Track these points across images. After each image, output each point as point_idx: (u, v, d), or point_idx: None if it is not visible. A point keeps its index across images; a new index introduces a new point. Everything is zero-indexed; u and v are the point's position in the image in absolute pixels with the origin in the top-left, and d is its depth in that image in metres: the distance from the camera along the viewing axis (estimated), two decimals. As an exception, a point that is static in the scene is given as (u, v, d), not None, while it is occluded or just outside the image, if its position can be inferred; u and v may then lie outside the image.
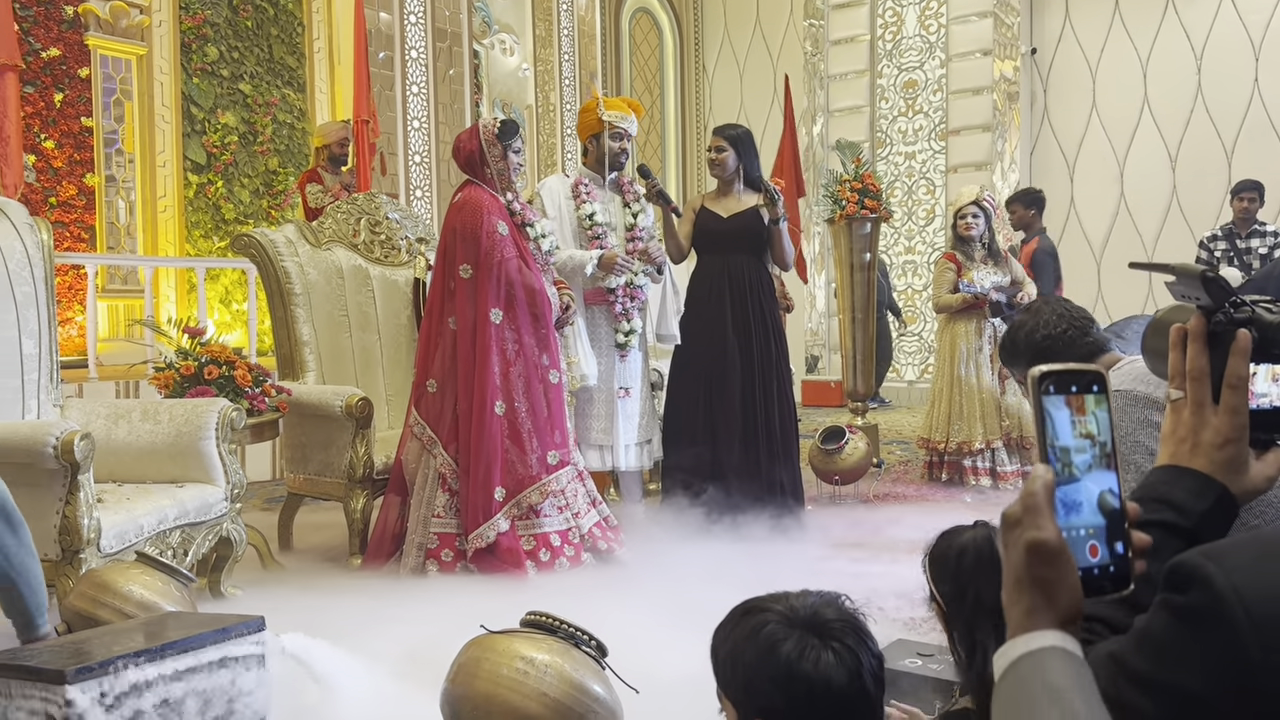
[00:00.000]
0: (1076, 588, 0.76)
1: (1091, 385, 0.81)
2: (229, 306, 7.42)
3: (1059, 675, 0.72)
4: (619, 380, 4.21)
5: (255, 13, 7.56)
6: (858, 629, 1.25)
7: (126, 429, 3.23)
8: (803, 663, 1.19)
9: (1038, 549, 0.75)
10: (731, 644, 1.27)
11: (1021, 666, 0.74)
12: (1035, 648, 0.74)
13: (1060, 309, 1.99)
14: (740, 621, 1.28)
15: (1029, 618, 0.75)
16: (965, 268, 5.38)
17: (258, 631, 2.12)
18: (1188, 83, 9.24)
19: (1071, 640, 0.74)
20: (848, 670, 1.20)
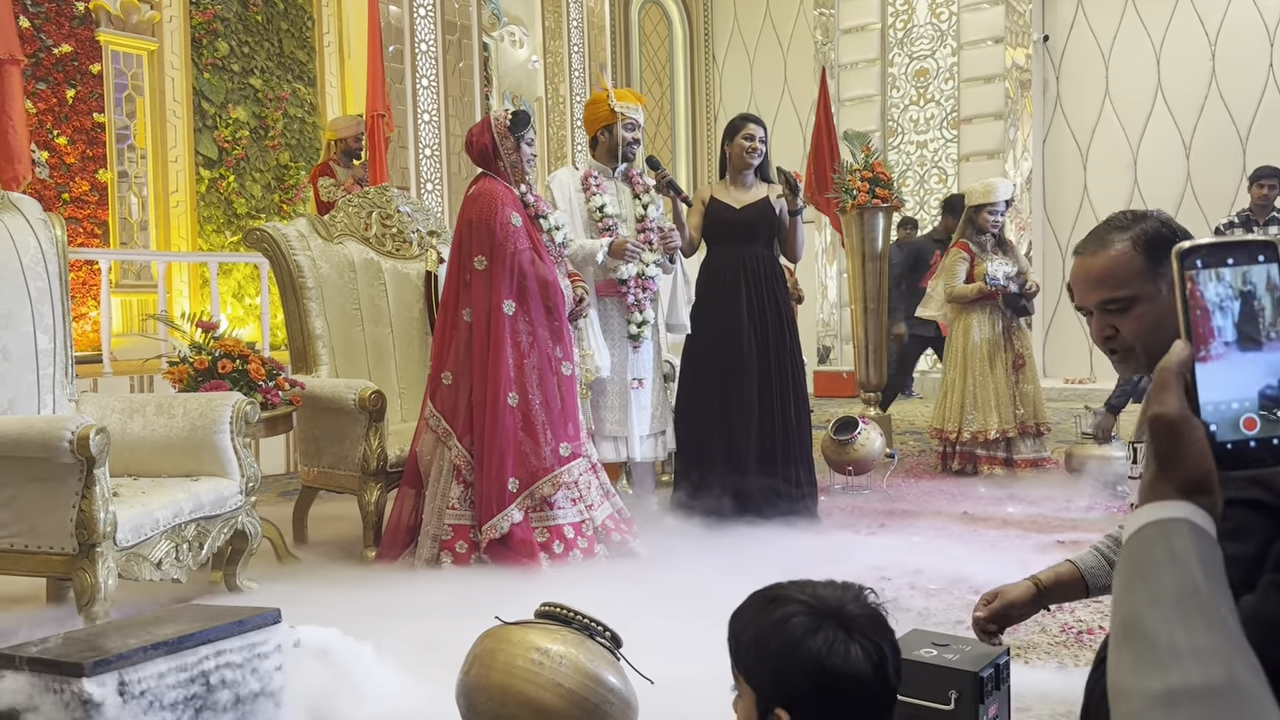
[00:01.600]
0: (1200, 462, 0.76)
1: (1257, 256, 0.79)
2: (242, 301, 7.44)
3: (1183, 543, 0.73)
4: (632, 371, 4.21)
5: (265, 7, 7.57)
6: (881, 623, 1.27)
7: (141, 423, 3.24)
8: (832, 656, 1.21)
9: (1157, 422, 0.77)
10: (756, 631, 1.28)
11: (1146, 532, 0.75)
12: (1164, 516, 0.75)
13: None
14: (765, 609, 1.29)
15: (1151, 487, 0.77)
16: (979, 258, 5.36)
17: (274, 624, 2.12)
18: (1202, 69, 9.17)
19: (1204, 516, 0.75)
20: (873, 664, 1.22)
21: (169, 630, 1.99)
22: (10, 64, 4.41)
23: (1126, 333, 1.62)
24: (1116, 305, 1.62)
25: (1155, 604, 0.71)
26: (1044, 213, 10.01)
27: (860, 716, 1.23)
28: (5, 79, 4.38)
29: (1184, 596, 0.71)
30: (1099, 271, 1.63)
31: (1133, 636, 0.72)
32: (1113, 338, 1.64)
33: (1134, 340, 1.63)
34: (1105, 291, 1.62)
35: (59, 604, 3.22)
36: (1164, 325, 1.60)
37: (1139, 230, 1.62)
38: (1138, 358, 1.65)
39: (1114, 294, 1.61)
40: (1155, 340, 1.62)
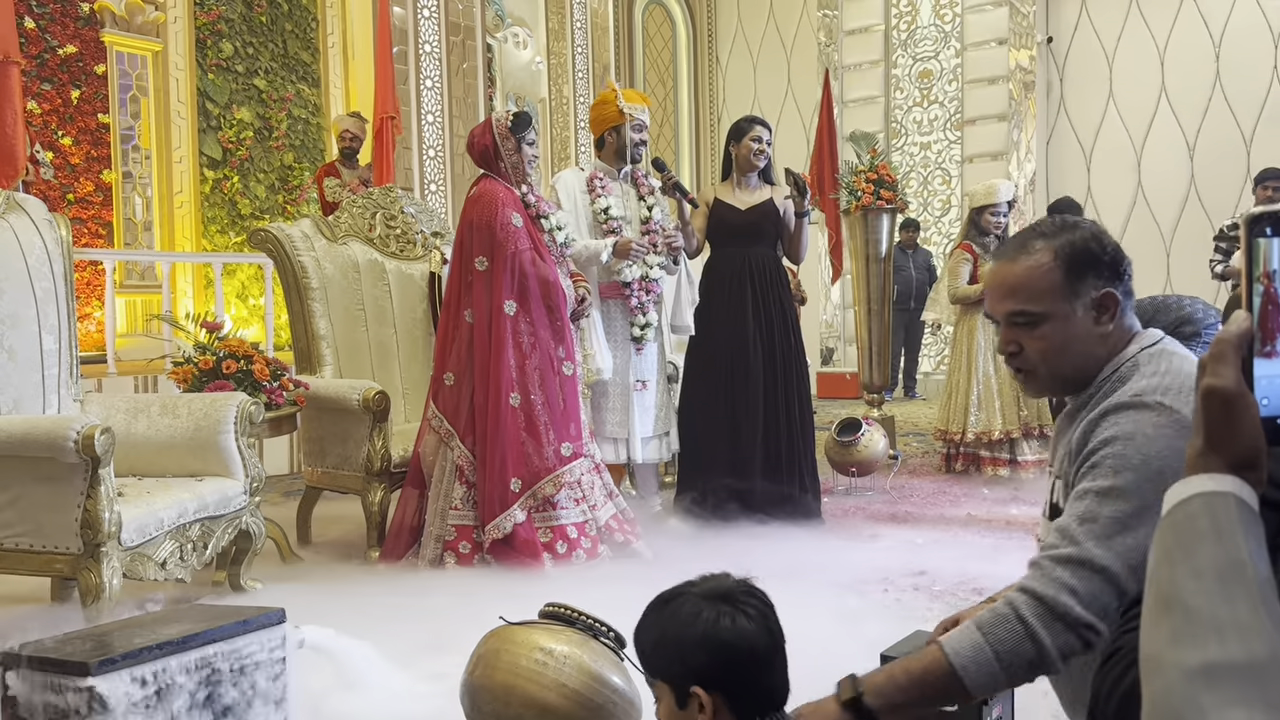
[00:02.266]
0: (1252, 437, 0.75)
1: None
2: (246, 301, 7.45)
3: (1228, 518, 0.72)
4: (635, 373, 4.21)
5: (269, 8, 7.58)
6: (761, 596, 1.45)
7: (146, 423, 3.24)
8: (720, 627, 1.37)
9: (1211, 394, 0.76)
10: (658, 630, 1.42)
11: (1191, 504, 0.74)
12: (1211, 489, 0.74)
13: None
14: (662, 609, 1.45)
15: (1199, 458, 0.76)
16: (982, 259, 5.36)
17: (278, 624, 2.13)
18: (1206, 71, 9.16)
19: (1250, 492, 0.74)
20: (760, 628, 1.39)
21: (174, 630, 2.00)
22: (9, 64, 4.42)
23: (1031, 351, 1.52)
24: (1025, 320, 1.52)
25: (1196, 577, 0.70)
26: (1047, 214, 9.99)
27: (759, 672, 1.39)
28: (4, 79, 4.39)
29: (1226, 570, 0.69)
30: (1013, 280, 1.52)
31: (1171, 609, 0.70)
32: (1017, 354, 1.55)
33: (1038, 360, 1.53)
34: (1015, 303, 1.52)
35: (64, 603, 3.22)
36: (1072, 348, 1.51)
37: (1064, 242, 1.51)
38: (1040, 379, 1.56)
39: (1024, 307, 1.51)
40: (1060, 363, 1.52)
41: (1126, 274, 1.53)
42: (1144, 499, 1.35)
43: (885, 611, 2.94)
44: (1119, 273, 1.52)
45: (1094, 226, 1.54)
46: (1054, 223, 1.55)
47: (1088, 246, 1.50)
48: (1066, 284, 1.49)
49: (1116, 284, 1.52)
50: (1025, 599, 1.37)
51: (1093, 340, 1.51)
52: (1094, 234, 1.52)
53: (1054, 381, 1.56)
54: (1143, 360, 1.50)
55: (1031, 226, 1.58)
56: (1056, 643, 1.34)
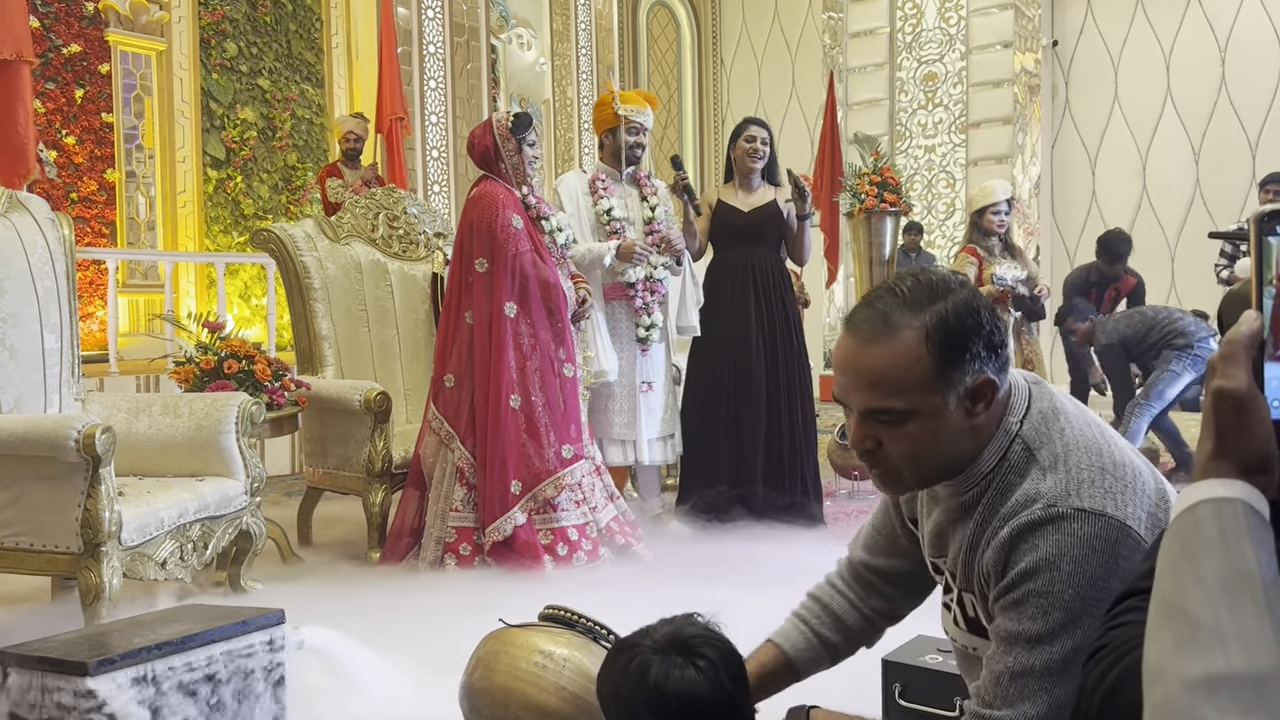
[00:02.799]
0: (1264, 441, 0.73)
1: None
2: (248, 301, 7.45)
3: (1235, 525, 0.70)
4: (641, 375, 4.20)
5: (274, 8, 7.59)
6: (714, 639, 1.38)
7: (147, 423, 3.24)
8: (670, 681, 1.32)
9: (1222, 396, 0.73)
10: (612, 684, 1.38)
11: (1199, 511, 0.72)
12: (1219, 495, 0.71)
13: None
14: (615, 660, 1.39)
15: (1209, 463, 0.73)
16: (986, 262, 5.35)
17: (278, 625, 2.12)
18: (1211, 75, 9.15)
19: (1260, 498, 0.72)
20: (709, 679, 1.33)
21: (173, 630, 2.00)
22: (20, 63, 4.42)
23: (893, 451, 1.26)
24: (887, 418, 1.24)
25: (1201, 585, 0.68)
26: (1052, 218, 9.99)
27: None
28: (15, 77, 4.39)
29: (1232, 579, 0.67)
30: (872, 369, 1.23)
31: (1174, 618, 0.69)
32: (874, 451, 1.27)
33: (901, 463, 1.27)
34: (875, 399, 1.24)
35: (63, 603, 3.22)
36: (943, 444, 1.26)
37: (935, 317, 1.23)
38: (903, 481, 1.31)
39: (885, 404, 1.24)
40: (929, 464, 1.28)
41: (1003, 346, 1.27)
42: (1082, 628, 1.17)
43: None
44: (996, 348, 1.26)
45: (968, 291, 1.26)
46: (920, 286, 1.25)
47: (963, 323, 1.23)
48: (938, 373, 1.22)
49: (994, 363, 1.26)
50: None
51: (965, 433, 1.27)
52: (969, 303, 1.25)
53: (920, 482, 1.33)
54: (1032, 439, 1.28)
55: (892, 289, 1.27)
56: None
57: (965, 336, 1.23)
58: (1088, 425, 1.31)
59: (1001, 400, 1.28)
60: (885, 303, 1.25)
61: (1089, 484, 1.22)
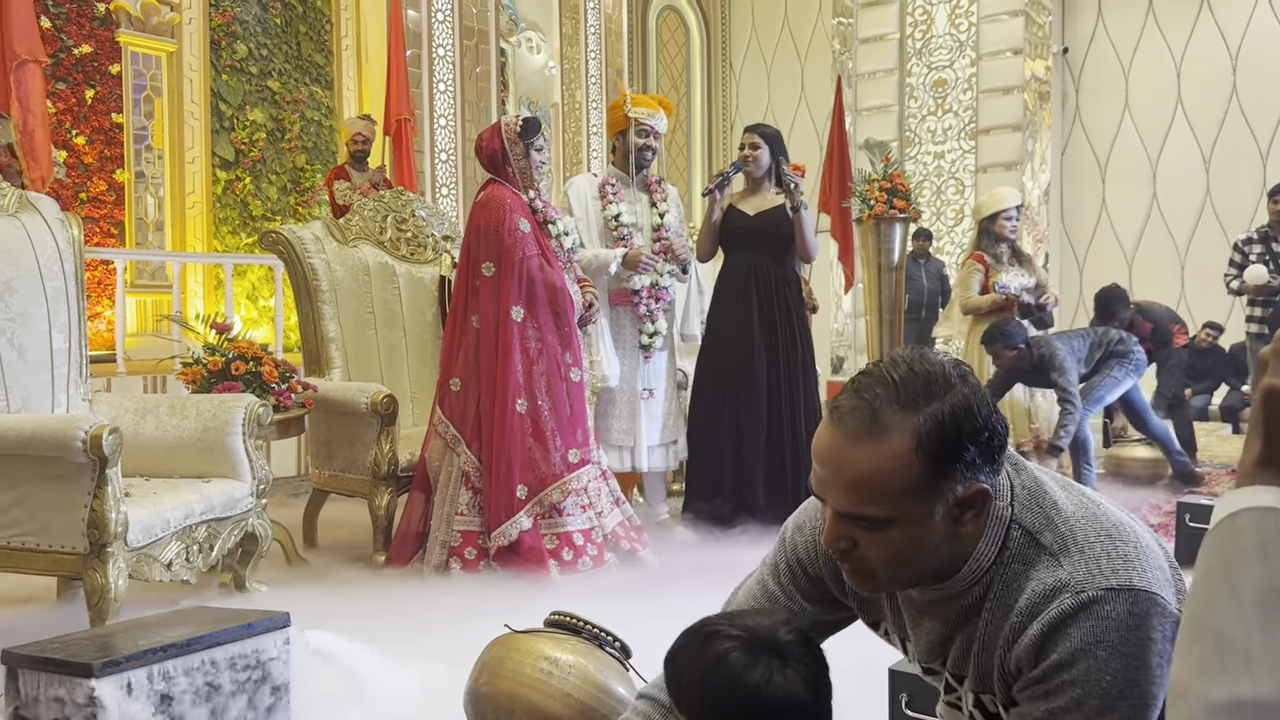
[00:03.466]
0: None
1: None
2: (256, 303, 7.46)
3: (1278, 537, 0.65)
4: (643, 381, 4.19)
5: (284, 10, 7.60)
6: (810, 644, 1.31)
7: (154, 424, 3.24)
8: (771, 686, 1.24)
9: (1272, 395, 0.69)
10: (697, 673, 1.29)
11: (1240, 519, 0.67)
12: (1263, 504, 0.66)
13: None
14: (702, 648, 1.30)
15: (1255, 467, 0.69)
16: (994, 269, 5.34)
17: (283, 627, 2.12)
18: (1222, 83, 9.12)
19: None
20: (809, 686, 1.26)
21: (178, 632, 1.99)
22: (32, 64, 4.43)
23: (871, 555, 1.15)
24: (867, 524, 1.13)
25: (1235, 600, 0.63)
26: (1061, 225, 9.96)
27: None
28: (28, 79, 4.40)
29: (1270, 597, 0.63)
30: (854, 473, 1.11)
31: (1203, 633, 0.64)
32: (849, 551, 1.17)
33: (877, 565, 1.16)
34: (854, 503, 1.12)
35: (69, 603, 3.22)
36: (925, 552, 1.15)
37: (930, 421, 1.10)
38: (877, 583, 1.20)
39: (866, 511, 1.12)
40: (909, 570, 1.17)
41: (1001, 450, 1.16)
42: (1119, 711, 1.08)
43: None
44: (994, 454, 1.14)
45: (969, 388, 1.13)
46: (912, 378, 1.12)
47: (960, 428, 1.10)
48: (927, 482, 1.10)
49: (989, 471, 1.14)
50: None
51: (950, 540, 1.16)
52: (968, 405, 1.11)
53: (896, 586, 1.23)
54: (1030, 523, 1.17)
55: (882, 376, 1.13)
56: None
57: (961, 443, 1.10)
58: (1066, 489, 1.22)
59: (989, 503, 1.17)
60: (875, 395, 1.11)
61: (1106, 559, 1.13)
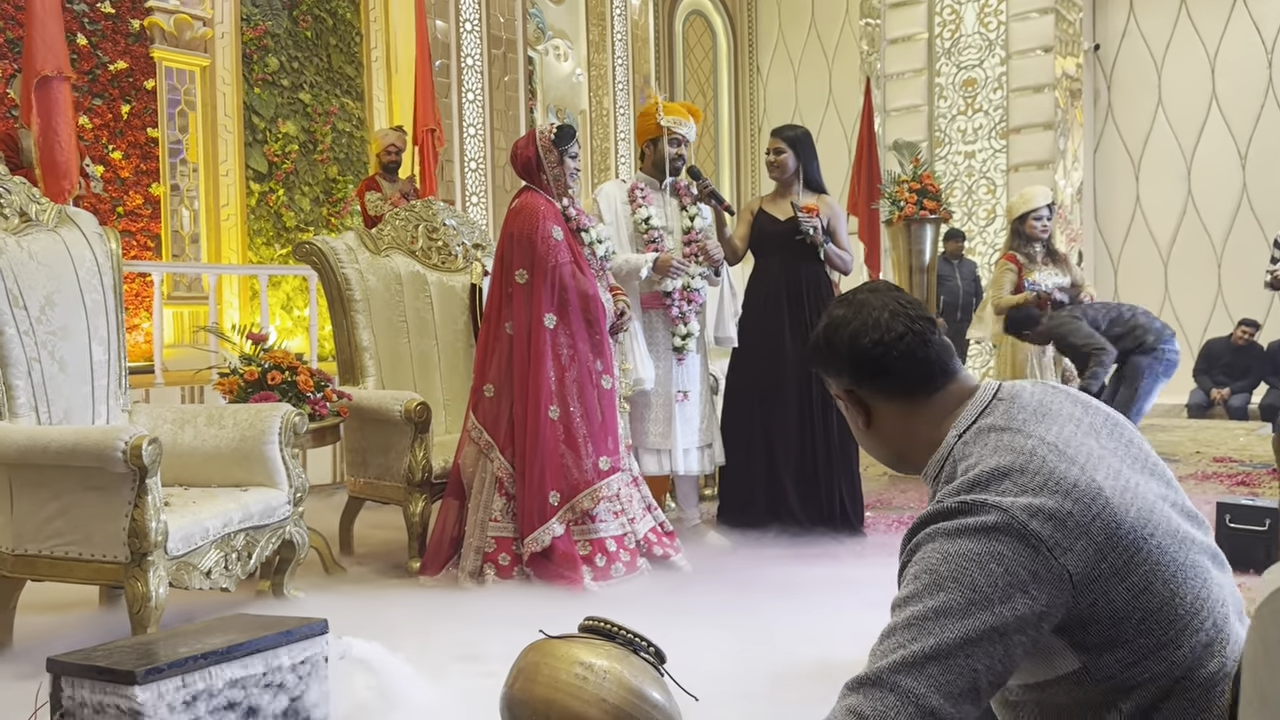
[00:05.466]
0: None
1: None
2: (290, 312, 7.54)
3: None
4: (677, 384, 4.19)
5: (314, 23, 7.69)
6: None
7: (192, 433, 3.28)
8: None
9: None
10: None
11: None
12: None
13: (895, 305, 1.44)
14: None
15: None
16: (1027, 269, 5.29)
17: (321, 635, 2.14)
18: (1258, 77, 9.00)
19: None
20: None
21: (219, 640, 2.02)
22: (60, 80, 4.51)
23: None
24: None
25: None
26: (1095, 224, 9.86)
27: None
28: (55, 95, 4.48)
29: None
30: None
31: (1267, 703, 0.60)
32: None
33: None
34: None
35: (111, 610, 3.27)
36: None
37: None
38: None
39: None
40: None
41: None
42: (949, 595, 1.20)
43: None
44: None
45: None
46: None
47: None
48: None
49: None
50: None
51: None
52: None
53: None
54: (959, 453, 1.37)
55: None
56: None
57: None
58: (1029, 438, 1.31)
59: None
60: None
61: (981, 485, 1.27)
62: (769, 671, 2.52)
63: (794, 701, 2.33)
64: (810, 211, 4.22)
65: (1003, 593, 1.19)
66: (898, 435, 1.45)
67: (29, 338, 3.02)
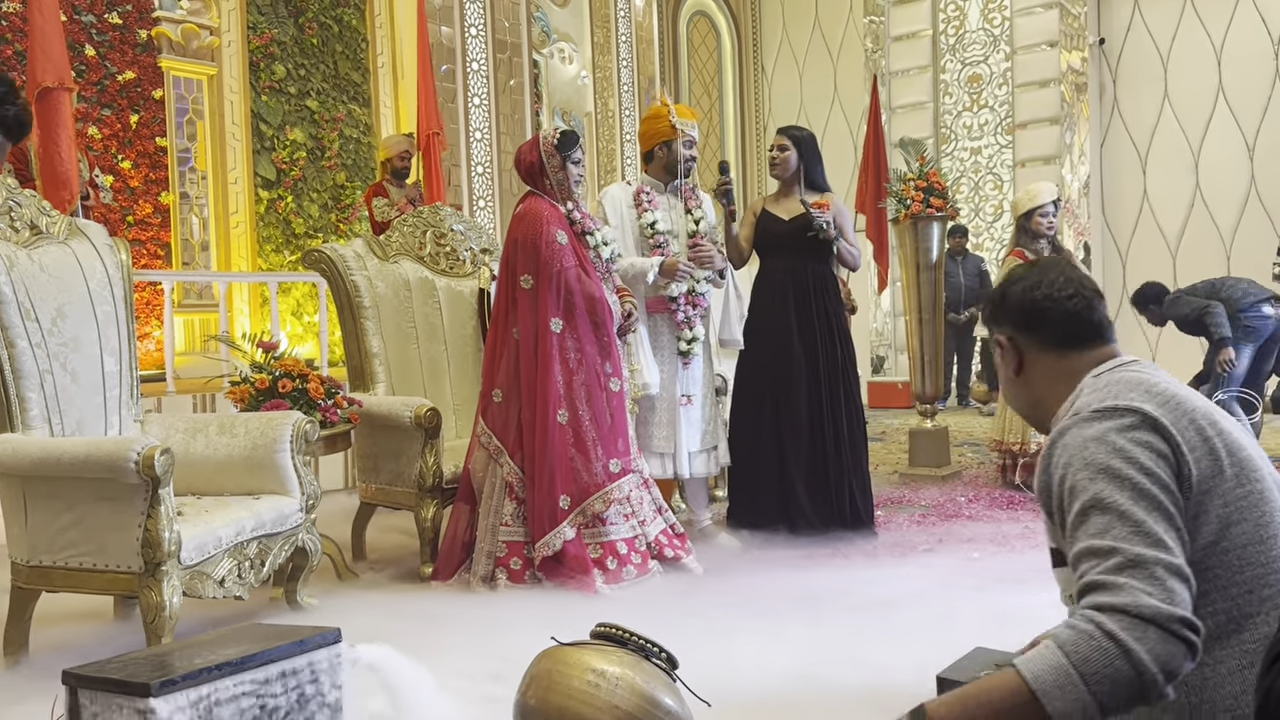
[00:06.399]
0: None
1: None
2: (300, 319, 7.57)
3: None
4: (681, 387, 4.20)
5: (320, 30, 7.71)
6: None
7: (204, 442, 3.30)
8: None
9: None
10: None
11: None
12: None
13: (1072, 274, 1.67)
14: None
15: None
16: (1035, 266, 5.28)
17: (334, 643, 2.15)
18: (1265, 68, 8.96)
19: None
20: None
21: (233, 650, 2.03)
22: (61, 91, 4.53)
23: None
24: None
25: None
26: (1103, 218, 9.84)
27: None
28: (56, 105, 4.50)
29: None
30: None
31: None
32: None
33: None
34: None
35: (125, 620, 3.29)
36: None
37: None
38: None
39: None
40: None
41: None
42: (1116, 476, 1.36)
43: (939, 629, 2.90)
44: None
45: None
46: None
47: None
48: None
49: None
50: (1104, 615, 1.23)
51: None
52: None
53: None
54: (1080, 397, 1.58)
55: None
56: (1155, 653, 1.20)
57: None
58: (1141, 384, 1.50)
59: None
60: None
61: (1115, 398, 1.46)
62: (782, 675, 2.52)
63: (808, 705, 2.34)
64: (821, 208, 4.23)
65: (1152, 465, 1.36)
66: (1042, 385, 1.63)
67: (41, 350, 3.04)
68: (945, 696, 1.34)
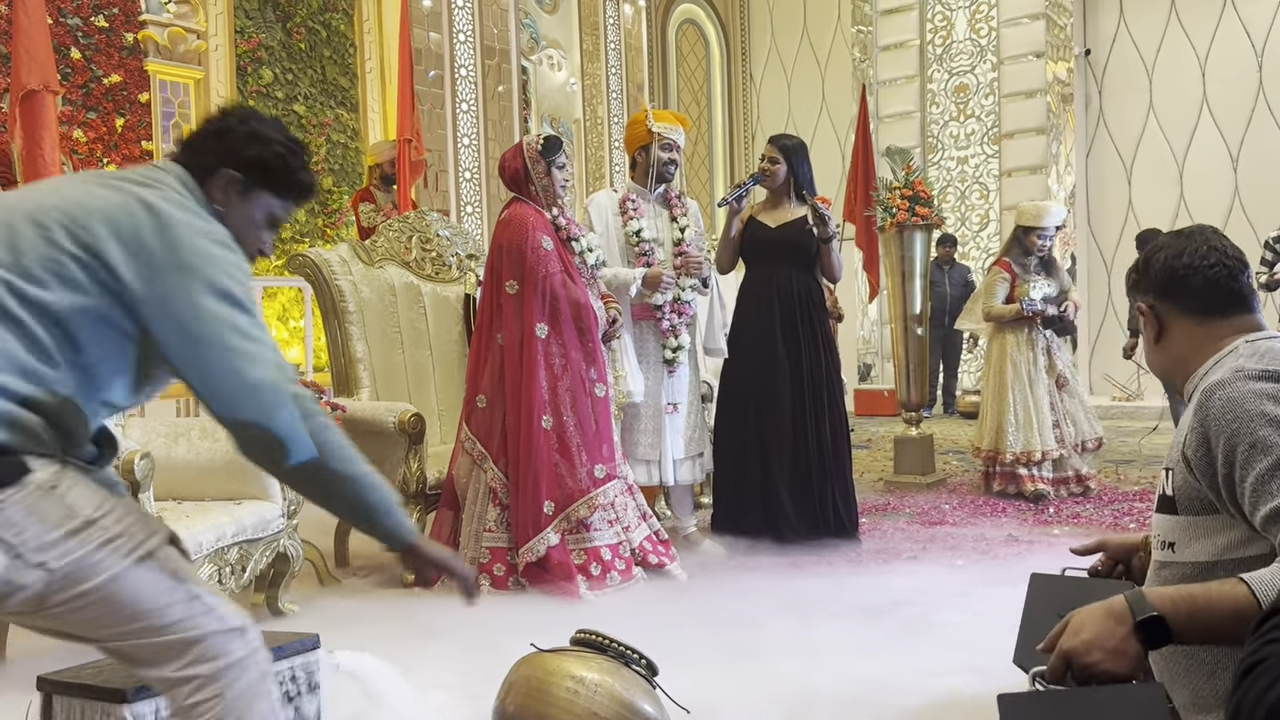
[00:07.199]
0: None
1: None
2: (287, 323, 7.54)
3: None
4: (667, 395, 4.20)
5: (308, 35, 7.70)
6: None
7: (186, 447, 3.28)
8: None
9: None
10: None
11: None
12: None
13: (1216, 242, 1.65)
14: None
15: None
16: (1020, 279, 5.31)
17: (313, 650, 2.14)
18: (1248, 80, 9.03)
19: None
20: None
21: (210, 656, 2.01)
22: (46, 93, 4.51)
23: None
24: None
25: None
26: (1088, 228, 9.89)
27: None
28: (41, 108, 4.48)
29: None
30: None
31: None
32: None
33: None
34: None
35: (105, 626, 3.26)
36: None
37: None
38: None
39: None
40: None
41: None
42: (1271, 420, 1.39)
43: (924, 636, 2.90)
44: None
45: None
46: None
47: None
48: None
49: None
50: None
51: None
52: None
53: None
54: (1229, 360, 1.58)
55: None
56: None
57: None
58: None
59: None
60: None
61: (1272, 361, 1.49)
62: (763, 682, 2.52)
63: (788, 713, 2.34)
64: (824, 203, 4.25)
65: None
66: (1183, 350, 1.64)
67: (21, 353, 3.02)
68: (1164, 590, 1.36)
